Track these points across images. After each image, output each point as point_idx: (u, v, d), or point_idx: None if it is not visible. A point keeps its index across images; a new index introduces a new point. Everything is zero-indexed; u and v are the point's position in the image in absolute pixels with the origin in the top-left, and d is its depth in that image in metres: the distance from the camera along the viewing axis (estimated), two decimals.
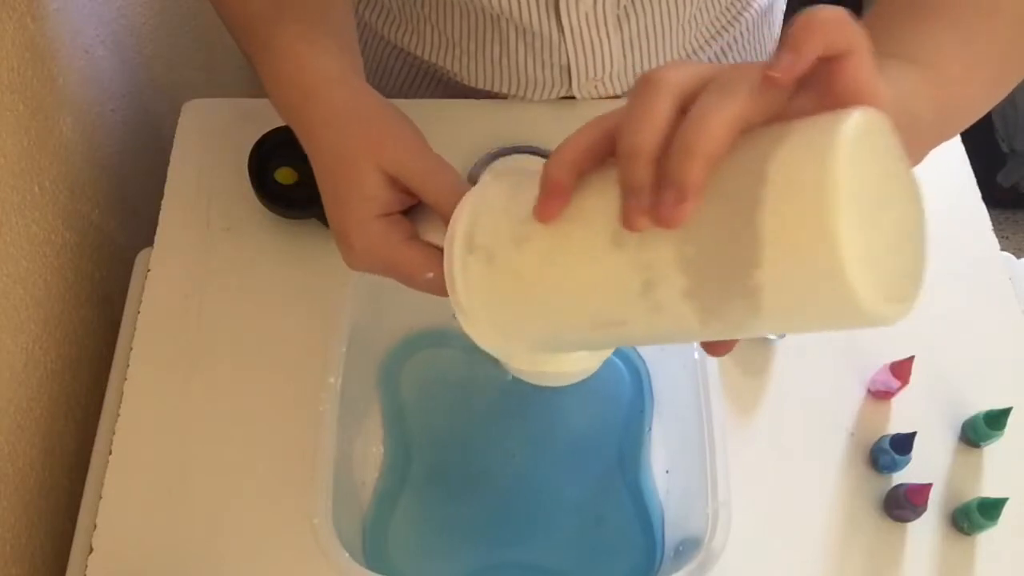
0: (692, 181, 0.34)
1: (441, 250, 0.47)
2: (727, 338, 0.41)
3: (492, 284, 0.43)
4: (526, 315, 0.43)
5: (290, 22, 0.57)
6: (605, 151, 0.39)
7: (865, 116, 0.33)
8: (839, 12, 0.34)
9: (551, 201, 0.39)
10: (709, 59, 0.85)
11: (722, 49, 0.85)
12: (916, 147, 0.40)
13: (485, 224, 0.43)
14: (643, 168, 0.35)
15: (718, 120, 0.34)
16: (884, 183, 0.34)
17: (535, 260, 0.41)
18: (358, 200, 0.51)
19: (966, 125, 0.49)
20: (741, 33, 0.85)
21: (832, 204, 0.31)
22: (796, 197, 0.32)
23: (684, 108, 0.36)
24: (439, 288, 0.47)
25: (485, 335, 0.45)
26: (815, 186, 0.31)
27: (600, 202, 0.38)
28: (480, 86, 0.82)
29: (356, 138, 0.52)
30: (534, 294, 0.42)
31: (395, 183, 0.52)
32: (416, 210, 0.54)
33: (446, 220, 0.48)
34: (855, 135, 0.32)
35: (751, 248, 0.33)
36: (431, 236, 0.52)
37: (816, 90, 0.36)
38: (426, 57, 0.82)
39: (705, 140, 0.34)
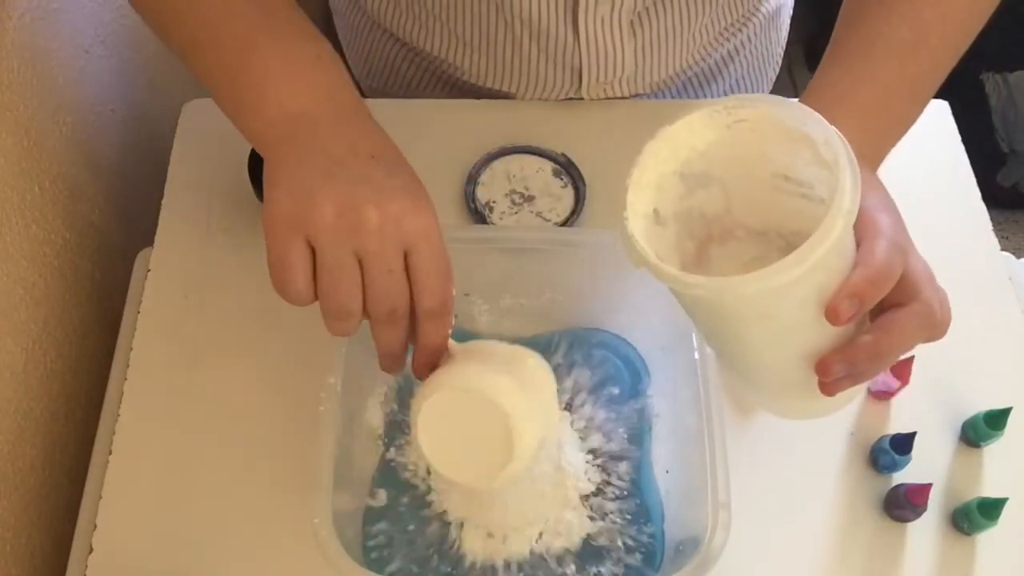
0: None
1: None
2: None
3: None
4: None
5: (290, 38, 0.56)
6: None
7: None
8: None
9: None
10: (716, 62, 0.85)
11: (729, 53, 0.85)
12: (867, 171, 0.48)
13: None
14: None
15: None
16: None
17: None
18: (429, 203, 0.51)
19: (900, 137, 0.57)
20: (748, 38, 0.85)
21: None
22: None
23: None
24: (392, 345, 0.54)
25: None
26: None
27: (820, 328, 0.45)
28: (488, 85, 0.82)
29: (404, 178, 0.52)
30: None
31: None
32: None
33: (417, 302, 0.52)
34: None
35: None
36: None
37: None
38: (435, 53, 0.82)
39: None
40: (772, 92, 0.96)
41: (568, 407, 0.67)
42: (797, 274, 0.41)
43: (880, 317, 0.46)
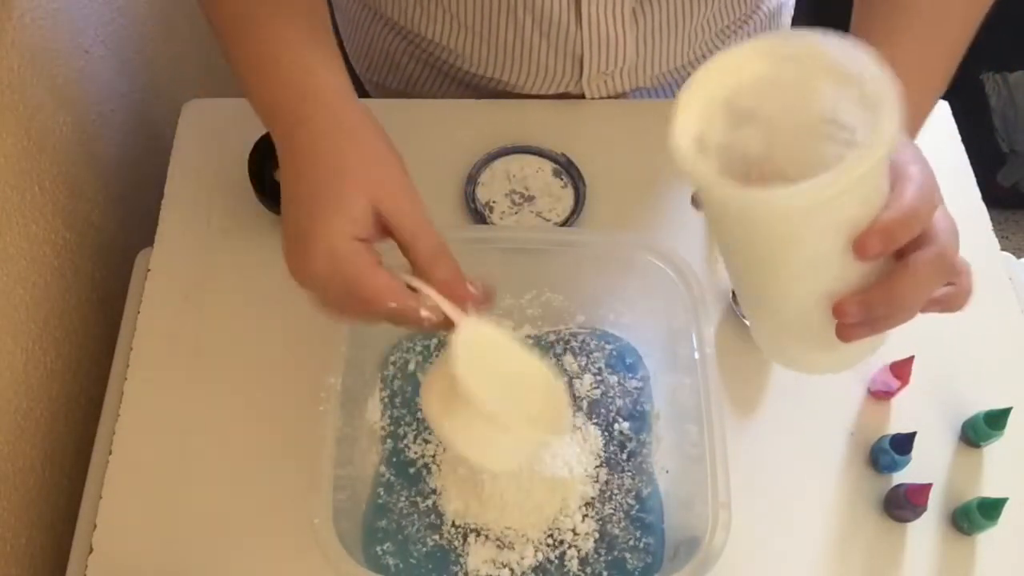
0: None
1: (405, 284, 0.51)
2: None
3: None
4: None
5: (287, 25, 0.56)
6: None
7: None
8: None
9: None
10: None
11: None
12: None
13: None
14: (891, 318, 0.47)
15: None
16: None
17: None
18: (342, 216, 0.50)
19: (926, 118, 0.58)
20: (748, 36, 0.85)
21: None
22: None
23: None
24: (393, 318, 0.51)
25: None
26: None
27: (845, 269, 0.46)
28: (489, 74, 0.82)
29: (357, 165, 0.52)
30: None
31: (379, 220, 0.51)
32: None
33: (425, 276, 0.52)
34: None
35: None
36: (401, 272, 0.53)
37: None
38: (437, 40, 0.81)
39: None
40: None
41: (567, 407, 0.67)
42: (833, 192, 0.41)
43: (897, 262, 0.46)
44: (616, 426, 0.67)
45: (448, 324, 0.52)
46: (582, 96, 0.83)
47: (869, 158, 0.41)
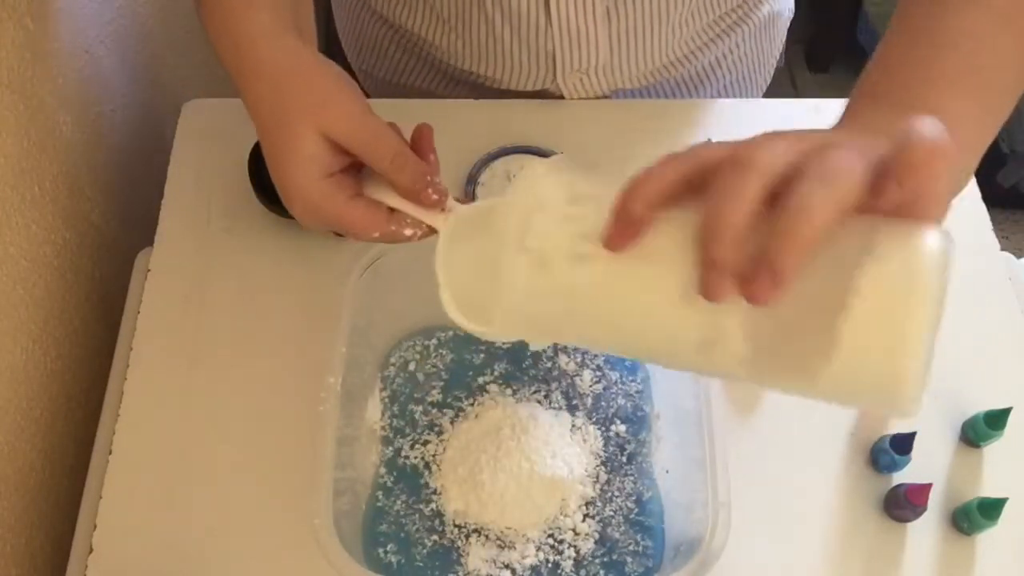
0: (790, 267, 0.35)
1: (384, 208, 0.51)
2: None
3: (539, 289, 0.43)
4: (564, 324, 0.44)
5: None
6: (682, 192, 0.39)
7: (944, 239, 0.37)
8: (942, 138, 0.37)
9: (624, 234, 0.40)
10: (704, 66, 0.85)
11: (717, 59, 0.85)
12: (970, 164, 0.45)
13: (540, 227, 0.43)
14: (730, 248, 0.37)
15: (819, 211, 0.35)
16: (939, 302, 0.38)
17: (594, 283, 0.41)
18: (298, 162, 0.51)
19: (972, 173, 0.52)
20: (738, 43, 0.85)
21: (910, 340, 0.35)
22: (880, 321, 0.35)
23: (775, 190, 0.37)
24: (386, 240, 0.53)
25: (510, 328, 0.46)
26: (899, 320, 0.35)
27: (675, 252, 0.39)
28: (466, 68, 0.82)
29: (295, 99, 0.51)
30: (582, 312, 0.42)
31: (336, 145, 0.51)
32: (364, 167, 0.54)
33: (392, 184, 0.51)
34: (939, 265, 0.36)
35: (825, 346, 0.36)
36: (376, 191, 0.53)
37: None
38: (417, 32, 0.82)
39: (806, 231, 0.35)
40: (772, 92, 0.96)
41: (568, 408, 0.67)
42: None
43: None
44: (616, 426, 0.67)
45: (434, 231, 0.52)
46: (561, 96, 0.83)
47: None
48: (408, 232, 0.53)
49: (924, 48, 0.51)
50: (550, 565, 0.61)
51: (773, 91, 0.96)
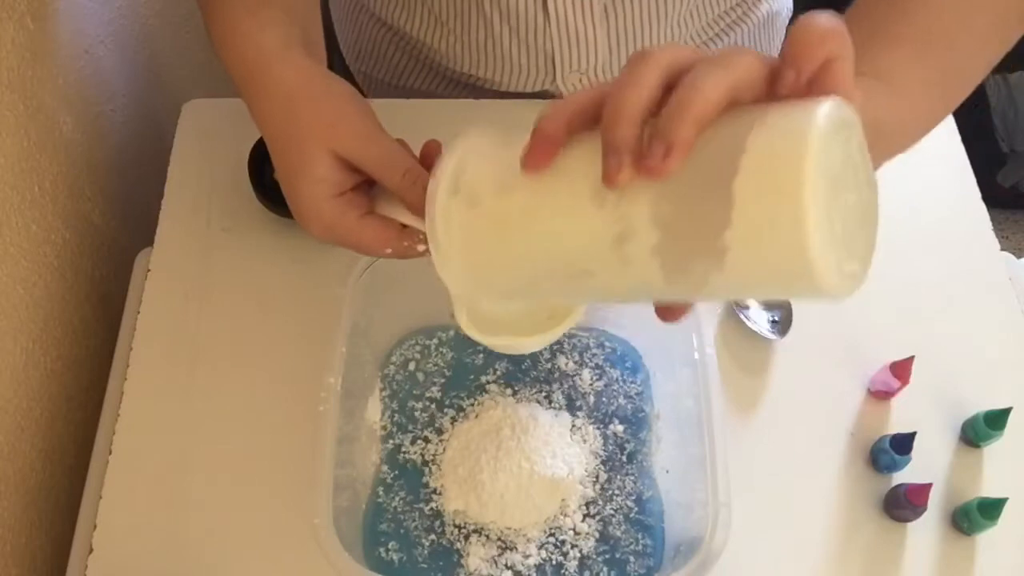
0: (682, 138, 0.36)
1: (396, 225, 0.52)
2: (685, 299, 0.44)
3: (472, 226, 0.45)
4: (502, 260, 0.45)
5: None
6: (596, 116, 0.40)
7: (838, 105, 0.36)
8: (834, 23, 0.38)
9: (540, 152, 0.41)
10: None
11: None
12: (878, 154, 0.44)
13: (471, 169, 0.45)
14: (626, 128, 0.38)
15: (711, 86, 0.36)
16: (847, 168, 0.37)
17: (517, 208, 0.43)
18: (310, 182, 0.51)
19: (919, 137, 0.52)
20: (737, 43, 0.85)
21: (803, 178, 0.34)
22: (771, 168, 0.35)
23: (671, 83, 0.38)
24: (399, 256, 0.53)
25: (457, 277, 0.47)
26: (789, 161, 0.34)
27: (584, 161, 0.40)
28: (466, 70, 0.82)
29: (305, 120, 0.52)
30: (513, 240, 0.44)
31: (347, 164, 0.52)
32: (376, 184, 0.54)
33: (402, 201, 0.51)
34: (829, 120, 0.35)
35: (723, 211, 0.35)
36: (387, 208, 0.53)
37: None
38: (415, 35, 0.82)
39: (698, 102, 0.36)
40: None
41: (568, 408, 0.67)
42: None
43: None
44: (616, 426, 0.67)
45: None
46: (561, 96, 0.83)
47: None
48: (421, 248, 0.54)
49: (896, 9, 0.52)
50: (550, 565, 0.61)
51: None
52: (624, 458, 0.65)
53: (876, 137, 0.40)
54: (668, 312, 0.45)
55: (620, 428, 0.66)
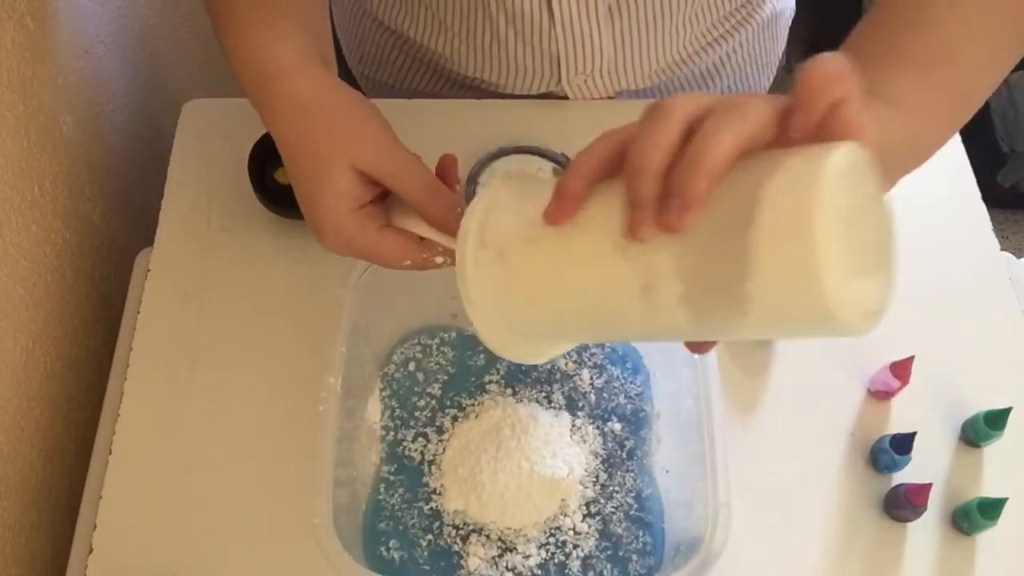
0: (697, 192, 0.37)
1: (414, 237, 0.53)
2: (714, 339, 0.45)
3: (502, 279, 0.45)
4: (532, 308, 0.46)
5: (249, 2, 0.56)
6: (616, 165, 0.41)
7: (849, 150, 0.37)
8: (842, 66, 0.38)
9: (563, 207, 0.42)
10: (707, 66, 0.85)
11: (720, 59, 0.85)
12: (889, 175, 0.45)
13: (496, 223, 0.46)
14: (649, 184, 0.38)
15: (723, 139, 0.37)
16: (862, 209, 0.38)
17: (544, 260, 0.44)
18: (329, 196, 0.52)
19: (929, 157, 0.52)
20: (741, 44, 0.85)
21: (816, 227, 0.35)
22: (783, 219, 0.36)
23: (690, 131, 0.39)
24: (417, 268, 0.54)
25: (490, 325, 0.47)
26: (803, 211, 0.35)
27: (607, 213, 0.41)
28: (470, 73, 0.82)
29: (323, 134, 0.52)
30: (542, 291, 0.45)
31: (366, 177, 0.52)
32: (390, 195, 0.55)
33: (422, 215, 0.52)
34: (840, 167, 0.36)
35: (743, 262, 0.37)
36: (404, 220, 0.53)
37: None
38: (420, 40, 0.82)
39: (711, 156, 0.37)
40: (773, 91, 0.96)
41: (568, 408, 0.67)
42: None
43: None
44: (616, 426, 0.67)
45: None
46: (566, 98, 0.82)
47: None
48: (439, 260, 0.54)
49: (900, 30, 0.52)
50: (550, 565, 0.61)
51: (774, 90, 0.96)
52: (624, 458, 0.65)
53: (885, 158, 0.40)
54: (698, 346, 0.46)
55: (620, 428, 0.66)
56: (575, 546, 0.62)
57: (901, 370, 0.66)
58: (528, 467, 0.62)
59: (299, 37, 0.55)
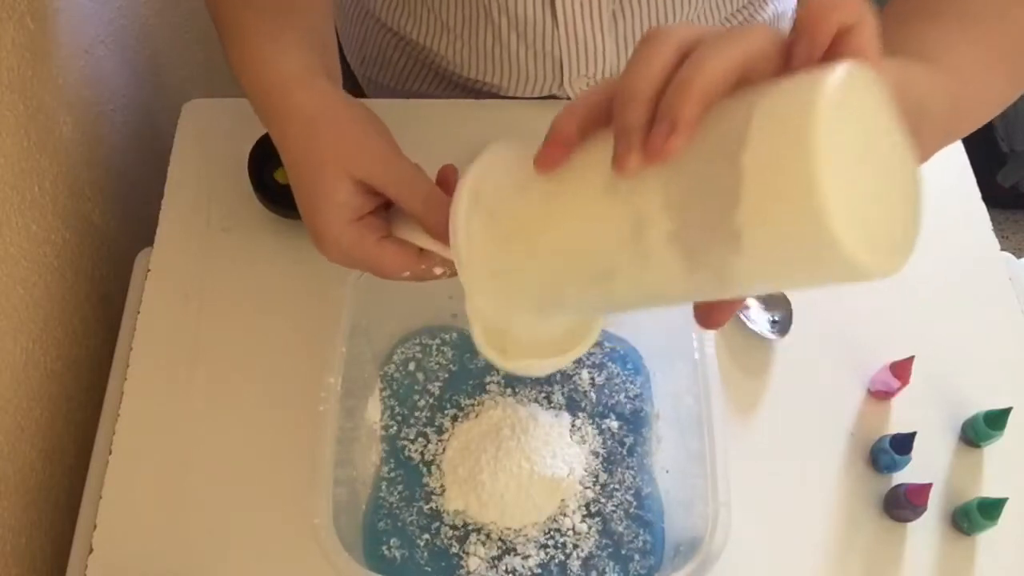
0: (685, 116, 0.34)
1: (413, 248, 0.52)
2: (716, 296, 0.41)
3: (493, 238, 0.44)
4: (525, 268, 0.44)
5: (255, 13, 0.56)
6: (609, 113, 0.39)
7: (852, 67, 0.33)
8: None
9: (553, 151, 0.40)
10: None
11: None
12: (927, 139, 0.40)
13: (489, 184, 0.45)
14: (637, 109, 0.36)
15: (716, 62, 0.35)
16: (873, 136, 0.34)
17: (534, 211, 0.42)
18: (329, 207, 0.52)
19: (980, 122, 0.49)
20: None
21: (812, 145, 0.31)
22: (778, 137, 0.32)
23: (683, 61, 0.36)
24: (416, 279, 0.54)
25: (485, 294, 0.46)
26: (796, 127, 0.31)
27: (596, 155, 0.39)
28: (473, 76, 0.82)
29: (325, 145, 0.52)
30: (533, 245, 0.43)
31: (367, 187, 0.52)
32: (392, 206, 0.55)
33: (422, 225, 0.52)
34: (840, 83, 0.32)
35: (733, 188, 0.33)
36: (405, 232, 0.53)
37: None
38: (422, 42, 0.82)
39: (701, 79, 0.34)
40: None
41: (568, 408, 0.67)
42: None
43: None
44: (616, 425, 0.67)
45: None
46: (568, 99, 0.83)
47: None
48: (438, 271, 0.54)
49: (893, 25, 0.49)
50: (550, 566, 0.61)
51: None
52: (624, 458, 0.65)
53: (921, 120, 0.37)
54: (708, 317, 0.43)
55: (620, 428, 0.66)
56: (575, 546, 0.62)
57: (901, 370, 0.66)
58: (528, 467, 0.62)
59: (305, 50, 0.56)
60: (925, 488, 0.61)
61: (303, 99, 0.53)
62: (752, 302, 0.72)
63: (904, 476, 0.65)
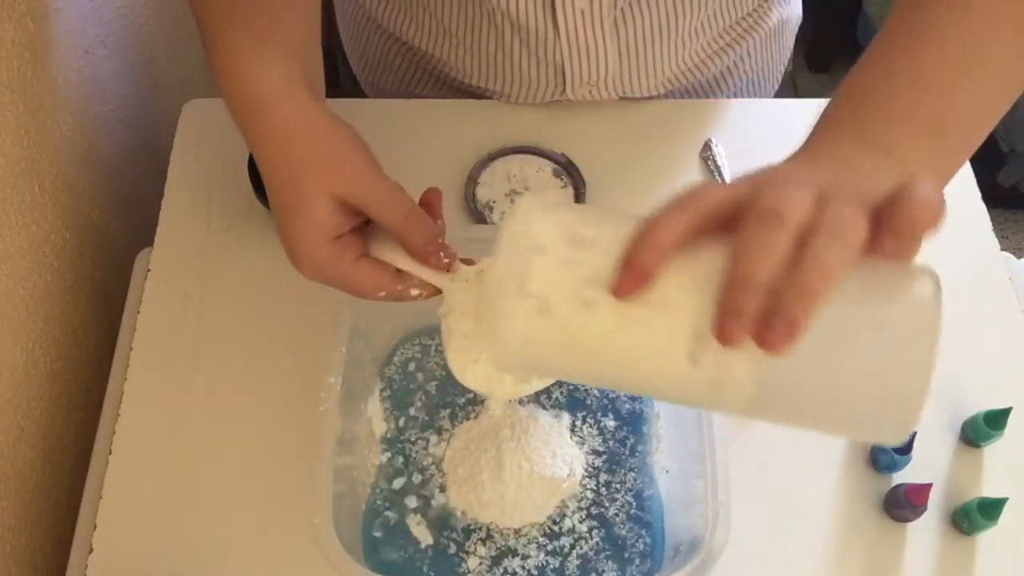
0: (805, 319, 0.37)
1: (390, 269, 0.52)
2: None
3: (541, 335, 0.42)
4: (568, 364, 0.44)
5: (238, 24, 0.55)
6: (693, 237, 0.40)
7: (938, 290, 0.42)
8: (940, 201, 0.43)
9: (633, 283, 0.40)
10: (714, 75, 0.85)
11: (728, 68, 0.85)
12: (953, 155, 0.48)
13: (540, 272, 0.41)
14: (755, 299, 0.37)
15: (835, 268, 0.37)
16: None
17: (600, 330, 0.41)
18: (306, 224, 0.51)
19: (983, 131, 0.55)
20: (749, 53, 0.85)
21: (921, 382, 0.38)
22: (894, 370, 0.39)
23: (800, 242, 0.39)
24: (392, 299, 0.54)
25: (508, 365, 0.47)
26: (910, 357, 0.40)
27: (684, 297, 0.39)
28: (475, 82, 0.82)
29: (305, 162, 0.51)
30: (587, 354, 0.42)
31: (346, 206, 0.51)
32: (369, 224, 0.54)
33: (402, 244, 0.51)
34: (939, 329, 0.41)
35: (834, 391, 0.39)
36: (383, 251, 0.53)
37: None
38: (424, 48, 0.82)
39: (822, 285, 0.37)
40: (778, 98, 0.96)
41: (568, 408, 0.67)
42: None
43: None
44: (616, 425, 0.67)
45: (439, 291, 0.53)
46: (568, 100, 0.82)
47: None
48: (415, 292, 0.54)
49: (898, 84, 0.50)
50: (550, 566, 0.61)
51: (779, 95, 0.96)
52: (624, 458, 0.65)
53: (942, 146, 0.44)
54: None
55: (620, 428, 0.66)
56: (575, 546, 0.62)
57: None
58: (528, 467, 0.62)
59: (287, 62, 0.54)
60: (925, 488, 0.61)
61: (284, 113, 0.52)
62: None
63: (904, 476, 0.65)
